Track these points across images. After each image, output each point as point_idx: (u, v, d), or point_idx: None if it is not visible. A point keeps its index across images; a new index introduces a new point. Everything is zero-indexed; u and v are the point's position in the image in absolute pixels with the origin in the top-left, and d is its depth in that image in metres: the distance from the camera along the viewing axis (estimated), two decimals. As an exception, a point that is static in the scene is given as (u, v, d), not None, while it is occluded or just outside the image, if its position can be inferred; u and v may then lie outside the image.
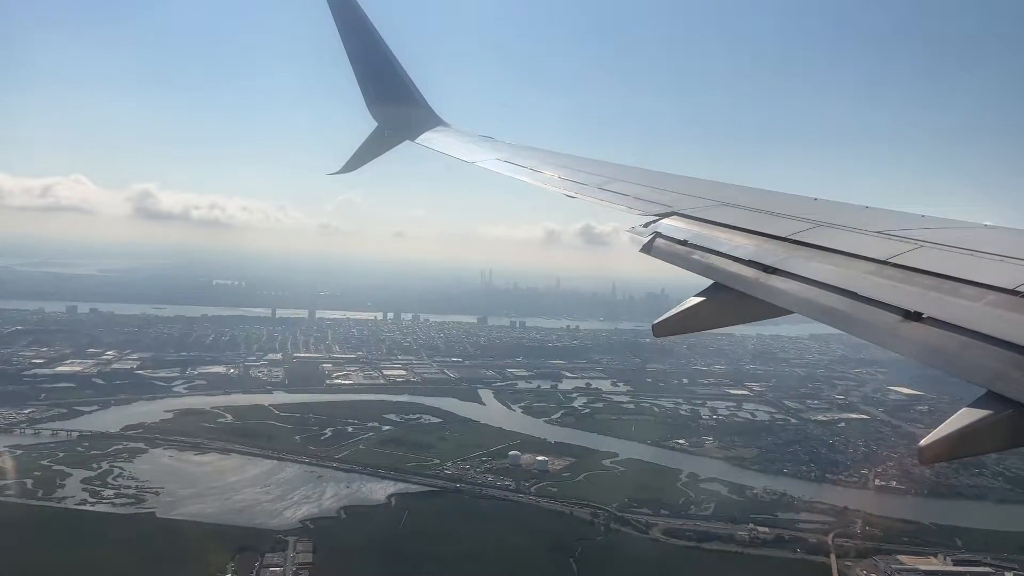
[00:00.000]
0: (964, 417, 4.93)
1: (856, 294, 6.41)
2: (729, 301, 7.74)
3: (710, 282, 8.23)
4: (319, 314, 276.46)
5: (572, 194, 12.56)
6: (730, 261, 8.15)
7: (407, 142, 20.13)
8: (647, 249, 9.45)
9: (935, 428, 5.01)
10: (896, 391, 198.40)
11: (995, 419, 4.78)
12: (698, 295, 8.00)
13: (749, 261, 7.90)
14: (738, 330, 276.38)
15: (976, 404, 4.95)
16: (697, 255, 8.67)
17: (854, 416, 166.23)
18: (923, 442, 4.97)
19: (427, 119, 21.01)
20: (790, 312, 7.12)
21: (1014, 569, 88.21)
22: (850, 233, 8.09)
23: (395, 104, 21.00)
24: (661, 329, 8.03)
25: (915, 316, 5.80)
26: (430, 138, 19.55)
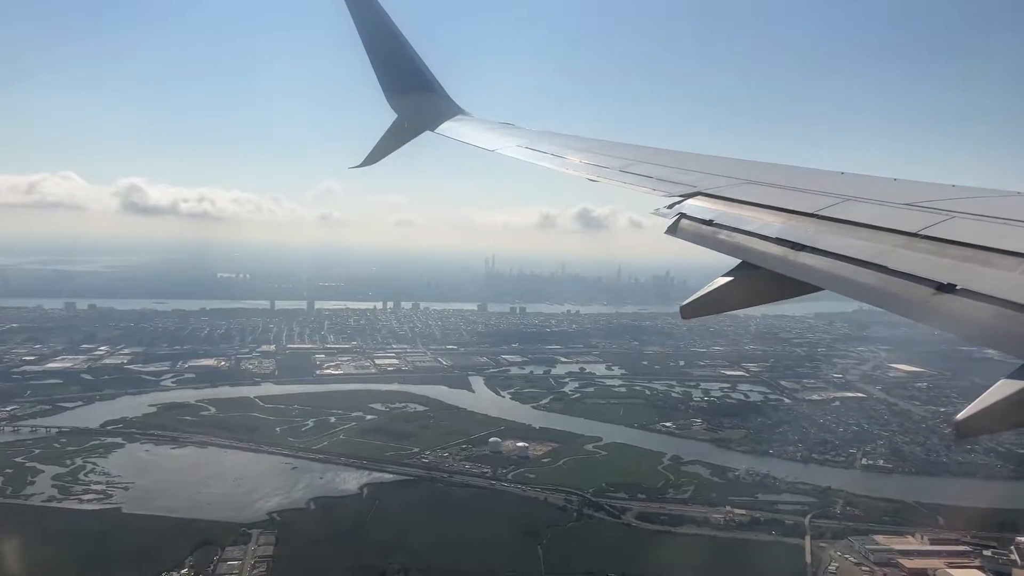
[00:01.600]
0: (1002, 389, 4.77)
1: (887, 268, 6.26)
2: (758, 280, 7.64)
3: (725, 262, 8.16)
4: (318, 305, 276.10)
5: (594, 178, 12.49)
6: (757, 239, 7.97)
7: (427, 132, 19.90)
8: (672, 231, 9.28)
9: (971, 402, 4.82)
10: (897, 368, 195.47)
11: None
12: (726, 275, 7.88)
13: (777, 239, 7.73)
14: (742, 311, 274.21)
15: (1014, 375, 4.76)
16: (723, 235, 8.50)
17: (850, 395, 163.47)
18: (960, 416, 4.81)
19: (446, 108, 20.74)
20: (820, 289, 6.99)
21: (992, 547, 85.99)
22: (879, 206, 7.91)
23: (414, 94, 20.84)
24: (689, 311, 7.87)
25: (948, 288, 5.64)
26: (450, 127, 19.35)
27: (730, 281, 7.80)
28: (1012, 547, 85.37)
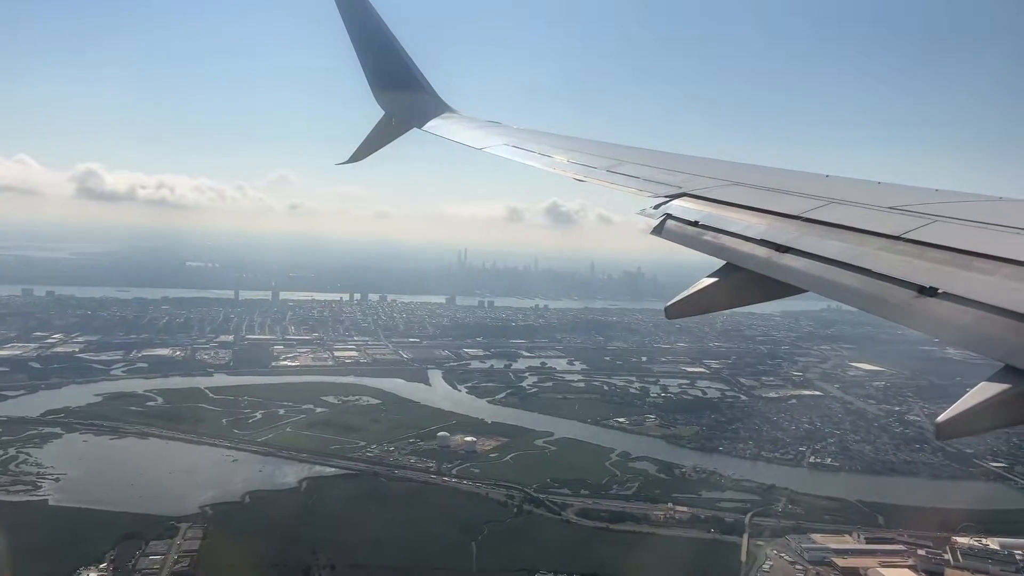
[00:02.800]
0: (982, 392, 4.86)
1: (870, 271, 6.33)
2: (742, 281, 7.69)
3: (698, 259, 8.38)
4: (284, 295, 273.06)
5: (581, 177, 12.49)
6: (742, 241, 8.06)
7: (415, 129, 20.01)
8: (658, 231, 9.28)
9: (953, 403, 4.91)
10: (857, 367, 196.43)
11: (1013, 393, 4.71)
12: (710, 276, 7.92)
13: (761, 240, 7.80)
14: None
15: (994, 378, 4.88)
16: (709, 236, 8.56)
17: (807, 393, 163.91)
18: (940, 418, 4.88)
19: (434, 106, 20.77)
20: (804, 291, 7.04)
21: (927, 546, 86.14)
22: (862, 209, 7.95)
23: (402, 91, 20.91)
24: (674, 311, 7.89)
25: (930, 291, 5.71)
26: (437, 125, 19.41)
27: (715, 282, 7.86)
28: (947, 547, 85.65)
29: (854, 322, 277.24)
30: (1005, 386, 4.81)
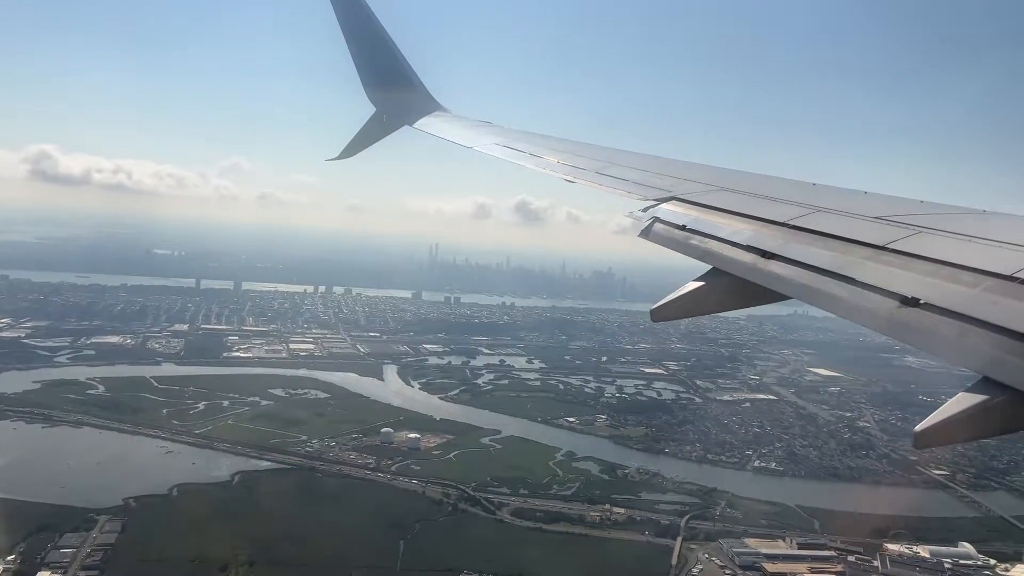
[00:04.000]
0: (960, 402, 4.93)
1: (854, 280, 6.39)
2: (727, 286, 7.74)
3: (671, 260, 8.95)
4: (247, 286, 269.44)
5: (571, 179, 12.51)
6: (728, 246, 8.12)
7: (406, 127, 20.10)
8: (646, 234, 9.38)
9: (930, 414, 4.99)
10: (814, 372, 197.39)
11: (990, 405, 4.80)
12: (697, 280, 7.97)
13: (747, 246, 7.87)
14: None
15: (972, 389, 4.97)
16: (696, 240, 8.62)
17: (761, 397, 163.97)
18: (918, 427, 4.96)
19: (425, 104, 20.89)
20: (788, 297, 7.10)
21: (858, 552, 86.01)
22: (848, 219, 8.06)
23: (394, 89, 21.03)
24: (659, 314, 7.96)
25: (912, 302, 5.76)
26: (428, 123, 19.47)
27: (700, 286, 7.87)
28: (879, 553, 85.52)
29: (818, 328, 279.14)
30: (983, 397, 4.88)
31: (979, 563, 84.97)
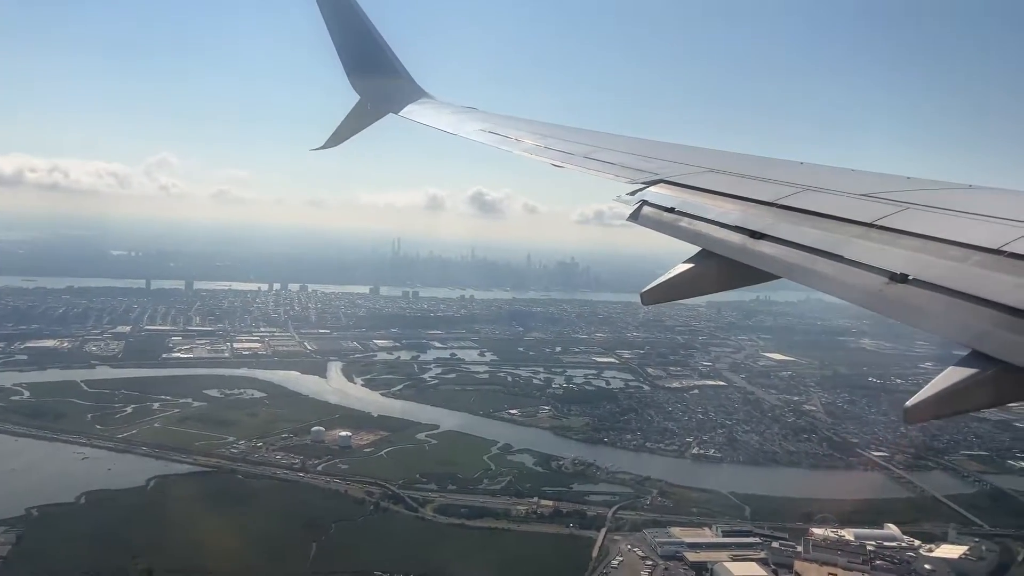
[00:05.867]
0: (949, 377, 4.97)
1: (843, 257, 6.42)
2: (717, 267, 7.73)
3: (632, 251, 12.19)
4: (199, 285, 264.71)
5: (559, 163, 12.46)
6: (717, 227, 8.09)
7: (391, 115, 19.96)
8: (634, 218, 9.33)
9: (920, 388, 5.05)
10: (768, 357, 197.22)
11: (979, 378, 4.86)
12: (686, 262, 8.00)
13: (736, 227, 7.86)
14: (633, 297, 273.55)
15: (961, 363, 5.00)
16: (684, 222, 8.58)
17: (711, 383, 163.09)
18: (909, 403, 4.98)
19: (410, 91, 20.70)
20: (777, 277, 7.13)
21: (782, 538, 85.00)
22: (836, 196, 8.05)
23: (378, 76, 20.86)
24: (649, 297, 7.90)
25: (901, 278, 5.79)
26: (413, 110, 19.34)
27: (689, 268, 7.88)
28: (803, 538, 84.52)
29: (777, 312, 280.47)
30: (972, 371, 4.90)
31: (903, 544, 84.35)
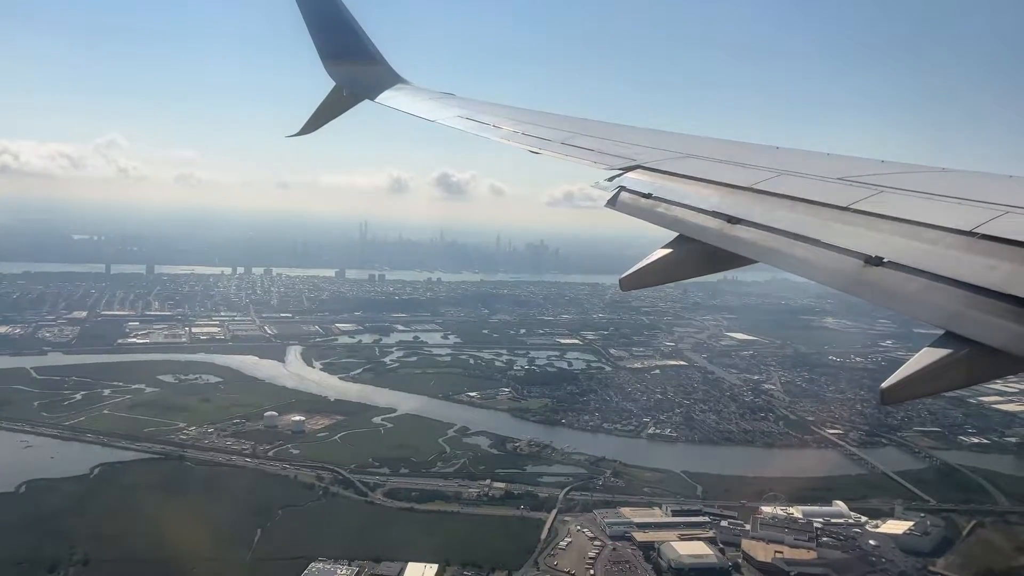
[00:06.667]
0: (924, 357, 5.02)
1: (819, 241, 6.47)
2: (694, 252, 7.76)
3: (601, 233, 10.43)
4: (160, 269, 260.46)
5: (536, 150, 12.41)
6: (694, 212, 8.15)
7: (367, 101, 19.94)
8: (612, 204, 9.35)
9: (896, 369, 5.08)
10: (730, 337, 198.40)
11: (954, 358, 4.91)
12: (664, 247, 8.02)
13: (713, 212, 7.90)
14: (601, 279, 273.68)
15: (936, 344, 5.05)
16: (662, 208, 8.62)
17: (672, 363, 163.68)
18: (885, 384, 4.99)
19: (387, 77, 20.38)
20: (755, 261, 7.16)
21: (731, 517, 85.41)
22: (812, 181, 8.09)
23: (353, 62, 20.54)
24: (628, 283, 7.89)
25: (877, 261, 5.87)
26: (390, 96, 19.21)
27: (668, 253, 7.87)
28: (752, 516, 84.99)
29: (742, 292, 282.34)
30: (947, 351, 4.94)
31: (850, 521, 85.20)
